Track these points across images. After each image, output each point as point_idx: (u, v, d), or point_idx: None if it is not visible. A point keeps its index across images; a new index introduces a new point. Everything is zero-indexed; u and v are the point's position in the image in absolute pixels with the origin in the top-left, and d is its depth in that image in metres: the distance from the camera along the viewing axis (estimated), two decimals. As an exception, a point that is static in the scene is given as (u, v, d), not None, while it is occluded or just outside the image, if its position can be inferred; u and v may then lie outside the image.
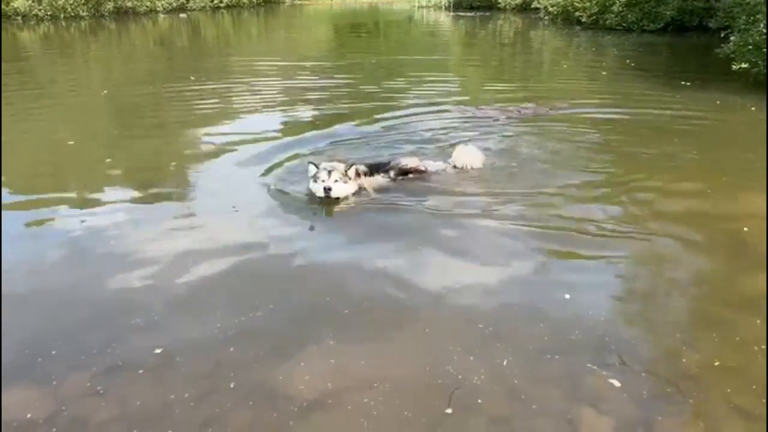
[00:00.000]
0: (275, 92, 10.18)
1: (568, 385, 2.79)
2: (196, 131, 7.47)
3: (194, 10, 32.06)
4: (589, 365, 2.90)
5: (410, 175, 5.39)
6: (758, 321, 3.25)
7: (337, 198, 4.87)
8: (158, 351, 2.99)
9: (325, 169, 4.93)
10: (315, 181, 4.91)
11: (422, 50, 17.50)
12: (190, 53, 17.24)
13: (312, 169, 5.01)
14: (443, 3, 32.53)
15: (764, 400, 2.64)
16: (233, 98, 9.64)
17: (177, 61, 15.53)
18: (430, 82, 10.90)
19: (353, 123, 7.77)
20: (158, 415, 2.58)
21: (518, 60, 14.68)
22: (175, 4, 30.95)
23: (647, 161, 6.00)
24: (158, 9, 30.01)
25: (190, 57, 16.42)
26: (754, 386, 2.74)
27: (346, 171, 4.97)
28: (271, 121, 8.05)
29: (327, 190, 4.81)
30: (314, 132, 7.27)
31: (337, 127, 7.51)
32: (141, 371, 2.86)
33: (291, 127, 7.62)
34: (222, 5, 33.45)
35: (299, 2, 38.49)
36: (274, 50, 18.27)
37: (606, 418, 2.59)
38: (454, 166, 5.64)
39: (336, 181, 4.86)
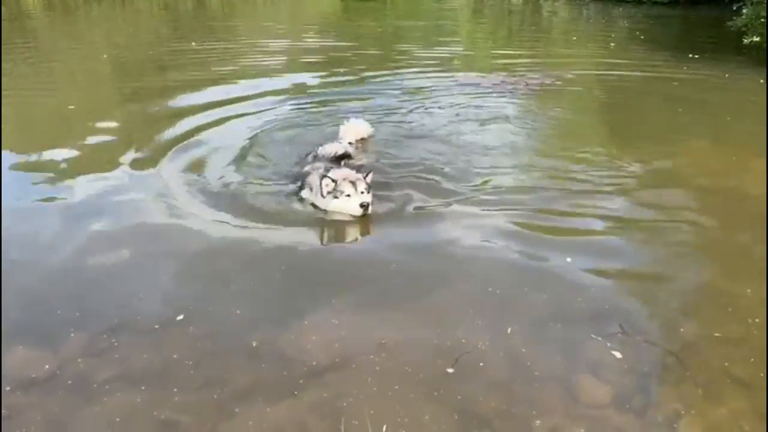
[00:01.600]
0: (278, 58, 10.10)
1: (569, 353, 2.80)
2: (196, 95, 7.40)
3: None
4: (590, 334, 2.91)
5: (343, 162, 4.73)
6: (758, 293, 3.24)
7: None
8: (162, 314, 3.01)
9: (347, 180, 4.13)
10: (336, 197, 4.10)
11: (430, 19, 17.29)
12: (194, 19, 17.11)
13: (328, 184, 4.14)
14: (451, -28, 32.00)
15: (762, 374, 2.65)
16: (237, 63, 9.57)
17: (181, 26, 15.40)
18: (439, 55, 10.77)
19: (358, 88, 7.75)
20: (160, 375, 2.60)
21: (527, 31, 14.50)
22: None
23: (651, 131, 6.00)
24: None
25: (195, 22, 16.32)
26: (752, 358, 2.74)
27: (365, 178, 4.22)
28: (273, 85, 8.00)
29: (366, 206, 4.04)
30: (308, 99, 7.24)
31: (344, 105, 7.41)
32: (143, 332, 2.88)
33: (289, 94, 7.59)
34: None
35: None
36: (280, 17, 18.07)
37: (605, 386, 2.60)
38: (349, 143, 5.30)
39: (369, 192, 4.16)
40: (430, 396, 2.52)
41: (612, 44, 11.67)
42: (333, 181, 4.12)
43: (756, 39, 9.28)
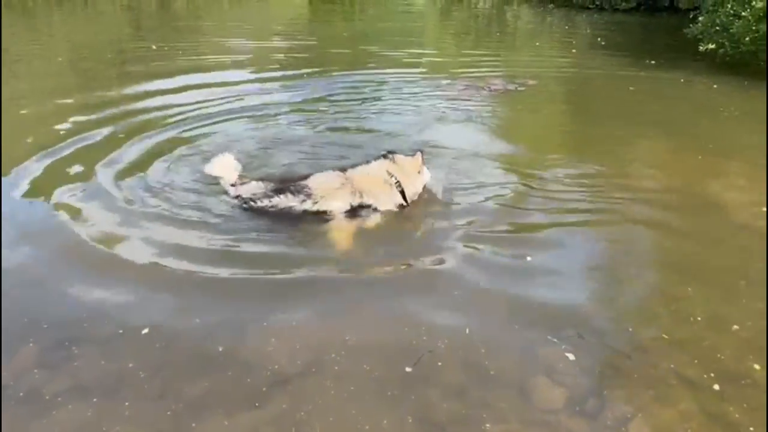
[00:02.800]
0: (242, 59, 10.02)
1: (525, 355, 2.85)
2: (152, 100, 7.30)
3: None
4: (547, 336, 2.96)
5: None
6: (711, 297, 3.34)
7: None
8: (118, 323, 2.97)
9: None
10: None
11: (397, 24, 17.37)
12: (158, 19, 16.91)
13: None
14: (418, -23, 32.18)
15: (708, 375, 2.72)
16: (201, 64, 9.48)
17: (144, 26, 15.19)
18: (403, 58, 10.85)
19: (321, 93, 7.74)
20: (113, 386, 2.56)
21: (492, 35, 14.66)
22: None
23: (610, 134, 6.14)
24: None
25: (159, 23, 16.15)
26: (697, 359, 2.82)
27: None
28: (237, 89, 7.93)
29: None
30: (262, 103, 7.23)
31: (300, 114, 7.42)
32: (98, 342, 2.83)
33: (249, 96, 7.56)
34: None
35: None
36: (246, 19, 17.94)
37: (559, 388, 2.64)
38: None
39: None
40: (389, 400, 2.54)
41: (574, 50, 11.90)
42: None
43: (711, 46, 9.54)
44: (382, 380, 2.66)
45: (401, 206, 4.11)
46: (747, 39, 9.03)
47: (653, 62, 10.02)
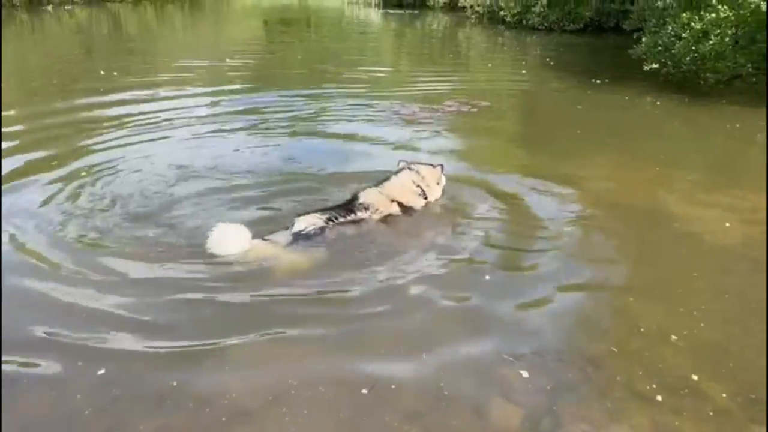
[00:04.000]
0: (196, 80, 9.94)
1: (481, 375, 2.87)
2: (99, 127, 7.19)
3: (114, 1, 30.77)
4: (502, 354, 2.99)
5: None
6: (661, 309, 3.44)
7: None
8: (64, 357, 2.87)
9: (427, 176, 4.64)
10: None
11: (352, 45, 17.51)
12: (109, 42, 16.68)
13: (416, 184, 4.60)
14: (373, 0, 32.60)
15: (655, 386, 2.79)
16: (153, 84, 9.36)
17: (94, 50, 14.93)
18: (358, 79, 10.93)
19: (270, 124, 7.73)
20: (58, 425, 2.47)
21: (446, 58, 14.90)
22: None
23: (558, 153, 6.31)
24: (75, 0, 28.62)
25: (110, 45, 15.95)
26: (652, 372, 2.89)
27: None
28: (187, 111, 7.86)
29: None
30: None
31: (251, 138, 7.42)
32: (43, 379, 2.73)
33: (202, 117, 7.49)
34: (144, -3, 32.26)
35: (226, -4, 37.63)
36: (200, 44, 17.84)
37: (515, 408, 2.67)
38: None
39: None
40: (346, 424, 2.54)
41: (524, 71, 12.21)
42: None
43: (655, 66, 9.92)
44: (339, 404, 2.65)
45: (427, 203, 4.66)
46: (687, 59, 9.44)
47: (599, 81, 10.36)
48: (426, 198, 4.63)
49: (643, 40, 10.68)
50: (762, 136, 7.30)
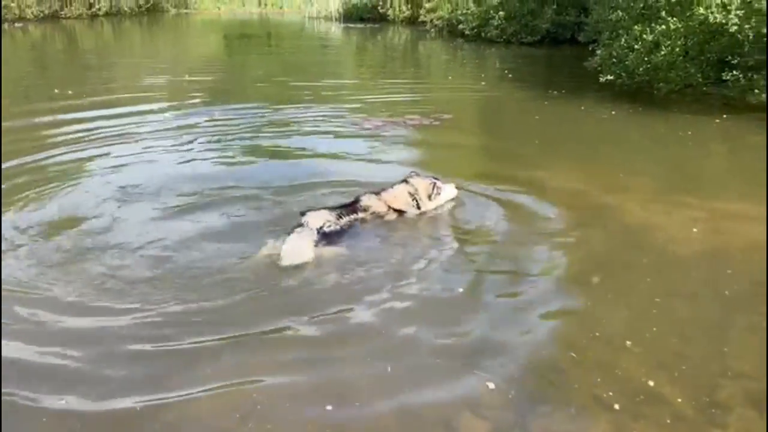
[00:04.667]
0: (154, 95, 9.81)
1: (449, 389, 2.88)
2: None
3: (69, 17, 30.15)
4: (470, 368, 3.01)
5: None
6: (621, 315, 3.52)
7: None
8: (23, 381, 2.79)
9: (434, 184, 4.97)
10: (439, 193, 4.95)
11: (314, 59, 17.52)
12: (64, 58, 16.39)
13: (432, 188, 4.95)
14: (333, 14, 32.66)
15: (613, 392, 2.84)
16: (110, 100, 9.20)
17: (49, 67, 14.64)
18: (321, 95, 10.95)
19: (234, 137, 7.69)
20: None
21: (408, 71, 15.04)
22: (47, 12, 28.94)
23: (518, 163, 6.44)
24: (28, 17, 27.94)
25: (65, 62, 15.69)
26: (611, 379, 2.95)
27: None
28: (146, 126, 7.75)
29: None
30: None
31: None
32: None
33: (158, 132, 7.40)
34: (100, 13, 31.67)
35: (185, 11, 37.15)
36: (159, 60, 17.62)
37: (483, 421, 2.69)
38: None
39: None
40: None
41: (483, 83, 12.41)
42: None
43: (610, 77, 10.14)
44: (304, 421, 2.66)
45: (420, 214, 4.94)
46: (641, 69, 9.70)
47: (555, 92, 10.59)
48: (419, 208, 4.90)
49: (598, 52, 10.96)
50: (716, 145, 7.58)
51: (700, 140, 7.67)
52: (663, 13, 9.56)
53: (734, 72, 8.76)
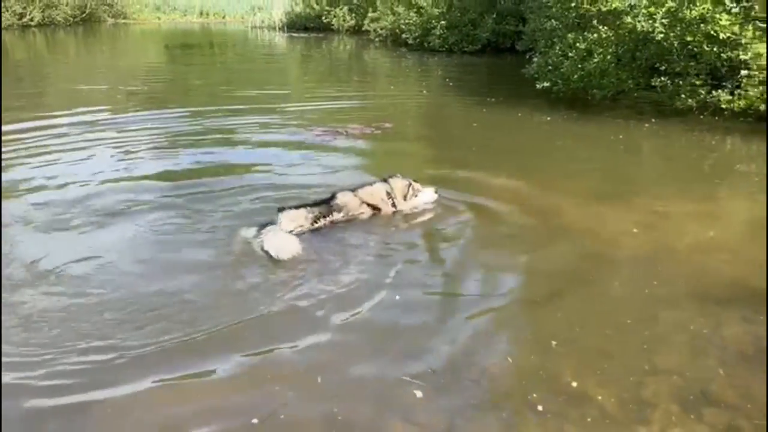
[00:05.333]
0: (92, 106, 9.50)
1: (381, 399, 2.84)
2: None
3: None
4: (401, 376, 2.98)
5: None
6: (552, 317, 3.56)
7: None
8: None
9: (411, 185, 5.14)
10: (416, 196, 5.14)
11: (257, 70, 17.34)
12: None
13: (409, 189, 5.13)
14: (277, 24, 32.49)
15: (555, 398, 2.87)
16: (44, 108, 8.86)
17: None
18: (264, 104, 10.85)
19: (175, 148, 7.51)
20: None
21: (351, 81, 15.05)
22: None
23: (457, 169, 6.49)
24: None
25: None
26: (538, 381, 2.97)
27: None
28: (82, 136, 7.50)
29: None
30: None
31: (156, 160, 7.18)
32: None
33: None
34: (33, 24, 30.54)
35: (123, 21, 36.20)
36: (97, 70, 17.12)
37: (415, 428, 2.66)
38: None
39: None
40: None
41: (424, 91, 12.53)
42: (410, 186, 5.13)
43: (546, 84, 10.39)
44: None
45: (394, 212, 5.12)
46: (575, 77, 9.98)
47: (494, 100, 10.79)
48: (394, 207, 5.09)
49: (535, 60, 11.22)
50: (647, 147, 7.84)
51: (631, 144, 7.94)
52: (595, 22, 9.88)
53: (662, 78, 9.10)
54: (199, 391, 2.90)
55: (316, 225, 4.66)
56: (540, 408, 2.75)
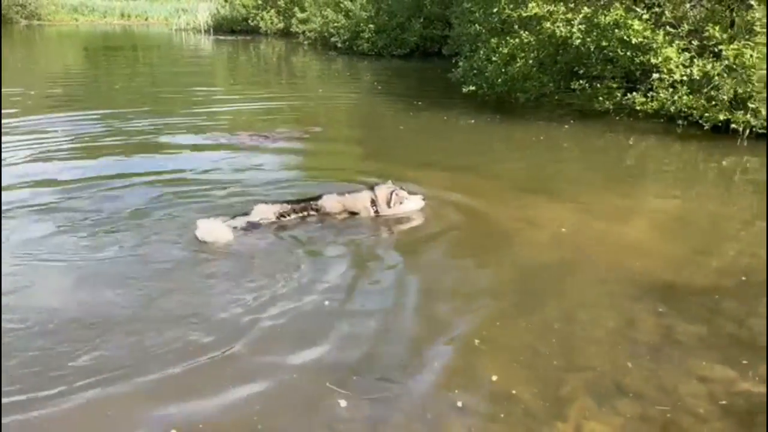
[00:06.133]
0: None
1: (308, 410, 2.80)
2: None
3: None
4: (326, 384, 2.95)
5: None
6: (476, 318, 3.61)
7: None
8: None
9: (395, 192, 5.20)
10: (401, 203, 5.19)
11: (183, 73, 16.91)
12: None
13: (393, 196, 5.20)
14: (203, 26, 31.79)
15: (477, 399, 2.91)
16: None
17: None
18: (188, 107, 10.60)
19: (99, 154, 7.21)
20: None
21: (279, 85, 14.91)
22: None
23: (383, 173, 6.46)
24: None
25: None
26: (464, 378, 3.01)
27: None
28: None
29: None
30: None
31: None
32: None
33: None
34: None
35: (38, 23, 34.49)
36: (9, 74, 16.22)
37: (339, 437, 2.64)
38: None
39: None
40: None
41: (353, 95, 12.56)
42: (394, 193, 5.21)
43: (472, 88, 10.57)
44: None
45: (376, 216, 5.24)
46: (499, 80, 10.22)
47: (421, 104, 10.93)
48: (377, 213, 5.22)
49: (460, 64, 11.42)
50: (567, 148, 8.12)
51: (552, 144, 8.21)
52: (516, 27, 10.15)
53: (581, 81, 9.45)
54: (115, 405, 2.78)
55: (281, 219, 4.94)
56: (461, 405, 2.79)
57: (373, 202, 5.23)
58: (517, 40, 9.93)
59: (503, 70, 10.13)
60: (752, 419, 2.72)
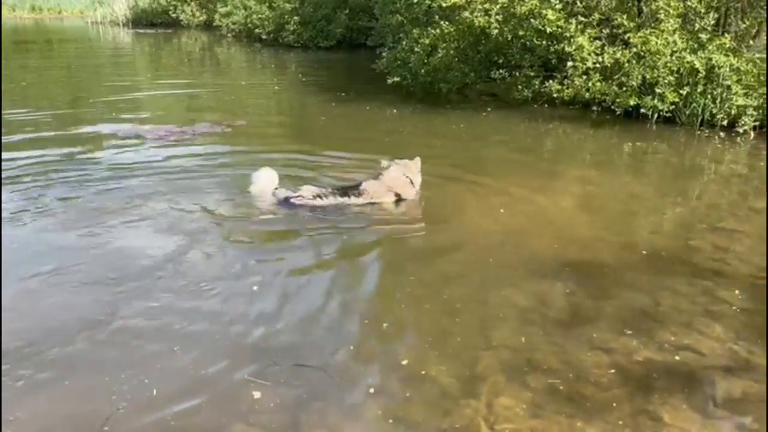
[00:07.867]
0: None
1: (225, 402, 2.77)
2: None
3: None
4: (244, 376, 2.92)
5: None
6: (381, 301, 3.70)
7: None
8: None
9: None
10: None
11: (101, 67, 16.23)
12: None
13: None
14: (120, 19, 30.54)
15: (394, 384, 2.95)
16: None
17: None
18: (106, 102, 10.23)
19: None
20: None
21: (202, 77, 14.54)
22: None
23: (302, 164, 6.56)
24: None
25: None
26: (380, 362, 3.07)
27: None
28: None
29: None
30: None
31: None
32: None
33: None
34: None
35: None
36: None
37: (257, 429, 2.62)
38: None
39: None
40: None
41: (278, 87, 12.42)
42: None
43: (397, 79, 10.63)
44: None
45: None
46: (422, 71, 10.32)
47: (344, 95, 10.93)
48: (414, 186, 5.31)
49: (384, 55, 11.45)
50: (486, 134, 8.31)
51: (473, 132, 8.39)
52: (437, 18, 10.27)
53: (501, 71, 9.68)
54: (32, 402, 2.71)
55: (316, 201, 5.01)
56: (375, 390, 2.83)
57: (407, 177, 5.26)
58: (438, 30, 10.05)
59: (426, 60, 10.24)
60: (650, 383, 2.88)
